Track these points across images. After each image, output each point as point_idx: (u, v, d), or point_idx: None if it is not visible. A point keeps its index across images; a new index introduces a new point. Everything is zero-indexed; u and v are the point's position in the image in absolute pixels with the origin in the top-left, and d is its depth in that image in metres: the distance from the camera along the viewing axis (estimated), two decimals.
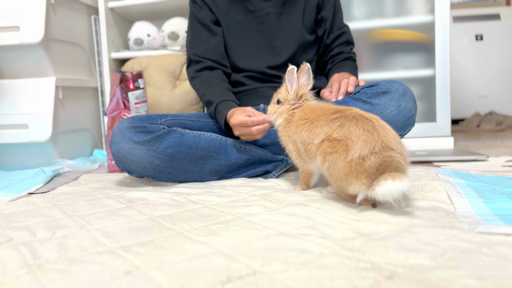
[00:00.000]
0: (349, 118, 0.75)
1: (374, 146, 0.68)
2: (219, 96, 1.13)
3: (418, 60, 1.63)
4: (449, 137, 1.59)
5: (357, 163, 0.68)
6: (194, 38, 1.26)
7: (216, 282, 0.45)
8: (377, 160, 0.67)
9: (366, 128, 0.71)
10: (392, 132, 0.73)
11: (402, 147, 0.71)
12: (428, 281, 0.43)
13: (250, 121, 1.00)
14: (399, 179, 0.64)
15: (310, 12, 1.26)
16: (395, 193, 0.64)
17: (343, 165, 0.70)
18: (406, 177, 0.66)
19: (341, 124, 0.75)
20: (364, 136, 0.70)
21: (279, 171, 1.11)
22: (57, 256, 0.56)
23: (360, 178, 0.68)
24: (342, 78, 1.09)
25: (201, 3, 1.26)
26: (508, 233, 0.56)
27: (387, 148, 0.68)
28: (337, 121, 0.76)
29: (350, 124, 0.73)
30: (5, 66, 1.56)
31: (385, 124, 0.74)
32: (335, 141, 0.73)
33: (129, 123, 1.03)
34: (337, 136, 0.74)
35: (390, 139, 0.70)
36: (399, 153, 0.69)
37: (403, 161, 0.69)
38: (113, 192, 0.99)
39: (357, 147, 0.69)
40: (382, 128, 0.72)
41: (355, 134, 0.71)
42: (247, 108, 1.08)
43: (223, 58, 1.25)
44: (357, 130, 0.71)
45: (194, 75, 1.24)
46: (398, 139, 0.72)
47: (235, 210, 0.76)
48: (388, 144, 0.69)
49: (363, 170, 0.68)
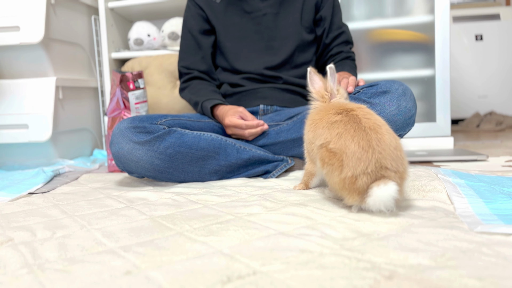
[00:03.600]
0: (349, 124, 0.72)
1: (367, 166, 0.66)
2: (204, 96, 1.20)
3: (418, 60, 1.63)
4: (449, 137, 1.59)
5: (350, 182, 0.68)
6: (183, 50, 1.30)
7: (216, 282, 0.45)
8: (369, 181, 0.66)
9: (361, 144, 0.68)
10: (391, 144, 0.68)
11: (398, 163, 0.68)
12: (428, 281, 0.43)
13: (244, 125, 1.08)
14: (383, 184, 0.64)
15: (308, 12, 1.26)
16: (384, 199, 0.64)
17: (338, 180, 0.70)
18: (391, 181, 0.65)
19: (339, 133, 0.72)
20: (359, 154, 0.67)
21: (279, 171, 1.11)
22: (57, 256, 0.56)
23: (353, 195, 0.68)
24: (341, 77, 1.09)
25: (195, 7, 1.27)
26: (508, 233, 0.56)
27: (381, 168, 0.66)
28: (336, 127, 0.73)
29: (347, 136, 0.70)
30: (5, 66, 1.56)
31: (384, 137, 0.69)
32: (332, 153, 0.72)
33: (129, 124, 1.04)
34: (333, 147, 0.71)
35: (386, 156, 0.67)
36: (393, 171, 0.66)
37: (398, 179, 0.67)
38: (113, 192, 0.99)
39: (351, 164, 0.68)
40: (379, 142, 0.68)
41: (350, 150, 0.68)
42: (240, 108, 1.11)
43: (211, 70, 1.29)
44: (352, 145, 0.69)
45: (183, 86, 1.31)
46: (396, 153, 0.68)
47: (235, 210, 0.76)
48: (383, 163, 0.66)
49: (355, 189, 0.67)
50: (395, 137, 0.71)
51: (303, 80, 1.24)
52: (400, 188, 0.67)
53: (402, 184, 0.69)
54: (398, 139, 0.71)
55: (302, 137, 1.09)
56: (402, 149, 0.70)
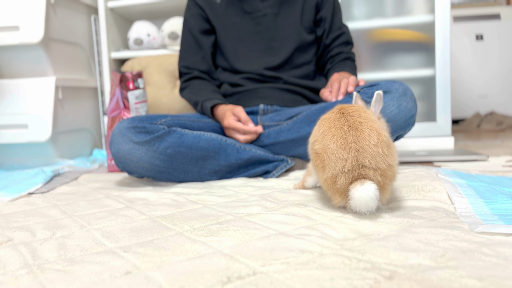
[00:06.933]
0: (335, 122, 0.69)
1: (344, 164, 0.64)
2: (204, 95, 1.20)
3: (418, 60, 1.63)
4: (449, 137, 1.59)
5: (331, 182, 0.67)
6: (184, 49, 1.31)
7: (216, 282, 0.45)
8: (347, 180, 0.65)
9: (339, 142, 0.66)
10: (370, 141, 0.65)
11: (379, 160, 0.64)
12: (428, 281, 0.43)
13: (242, 129, 1.10)
14: (359, 185, 0.62)
15: (308, 12, 1.25)
16: (362, 200, 0.62)
17: (322, 181, 0.70)
18: (368, 180, 0.63)
19: (323, 132, 0.70)
20: (336, 153, 0.65)
21: (279, 171, 1.10)
22: (57, 256, 0.56)
23: (335, 196, 0.68)
24: (342, 77, 1.09)
25: (195, 7, 1.27)
26: (508, 233, 0.56)
27: (358, 166, 0.64)
28: (323, 124, 0.71)
29: (328, 135, 0.68)
30: (5, 66, 1.56)
31: (363, 133, 0.66)
32: (316, 154, 0.70)
33: (129, 124, 1.03)
34: (317, 148, 0.70)
35: (364, 153, 0.64)
36: (372, 169, 0.64)
37: (380, 176, 0.64)
38: (113, 192, 0.99)
39: (331, 164, 0.66)
40: (357, 139, 0.65)
41: (330, 149, 0.67)
42: (237, 108, 1.12)
43: (211, 70, 1.30)
44: (332, 144, 0.67)
45: (183, 86, 1.31)
46: (376, 150, 0.64)
47: (235, 210, 0.75)
48: (360, 161, 0.64)
49: (336, 189, 0.67)
50: (378, 133, 0.66)
51: (303, 80, 1.24)
52: (384, 187, 0.65)
53: (387, 181, 0.66)
54: (381, 135, 0.66)
55: (302, 137, 1.09)
56: (385, 145, 0.66)
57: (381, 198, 0.66)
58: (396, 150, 0.70)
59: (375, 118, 0.72)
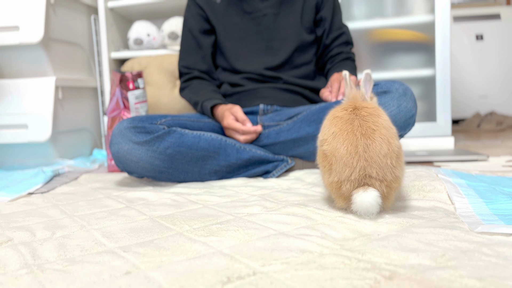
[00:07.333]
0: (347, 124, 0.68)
1: (352, 172, 0.64)
2: (204, 95, 1.20)
3: (418, 60, 1.63)
4: (449, 137, 1.59)
5: (336, 187, 0.67)
6: (183, 49, 1.31)
7: (216, 282, 0.45)
8: (351, 188, 0.65)
9: (349, 149, 0.65)
10: (381, 152, 0.65)
11: (387, 171, 0.64)
12: (428, 281, 0.43)
13: (241, 130, 1.10)
14: (362, 190, 0.63)
15: (308, 12, 1.25)
16: (364, 205, 0.63)
17: (327, 183, 0.70)
18: (370, 188, 0.64)
19: (334, 133, 0.69)
20: (345, 159, 0.65)
21: (279, 171, 1.10)
22: (57, 256, 0.56)
23: (339, 200, 0.69)
24: (342, 78, 1.09)
25: (195, 7, 1.27)
26: (508, 233, 0.56)
27: (365, 176, 0.64)
28: (335, 124, 0.70)
29: (339, 139, 0.67)
30: (4, 66, 1.56)
31: (375, 142, 0.65)
32: (324, 155, 0.70)
33: (128, 124, 1.03)
34: (326, 149, 0.69)
35: (372, 164, 0.64)
36: (379, 180, 0.64)
37: (385, 187, 0.65)
38: (113, 192, 0.99)
39: (338, 169, 0.66)
40: (368, 148, 0.65)
41: (339, 154, 0.66)
42: (235, 108, 1.12)
43: (211, 70, 1.30)
44: (342, 149, 0.66)
45: (183, 86, 1.31)
46: (385, 161, 0.64)
47: (235, 210, 0.75)
48: (368, 171, 0.64)
49: (341, 194, 0.68)
50: (389, 143, 0.66)
51: (303, 81, 1.24)
52: (388, 196, 0.66)
53: (391, 192, 0.67)
54: (392, 145, 0.66)
55: (302, 137, 1.09)
56: (395, 156, 0.65)
57: (383, 206, 0.67)
58: (403, 160, 0.70)
59: (388, 121, 0.70)
